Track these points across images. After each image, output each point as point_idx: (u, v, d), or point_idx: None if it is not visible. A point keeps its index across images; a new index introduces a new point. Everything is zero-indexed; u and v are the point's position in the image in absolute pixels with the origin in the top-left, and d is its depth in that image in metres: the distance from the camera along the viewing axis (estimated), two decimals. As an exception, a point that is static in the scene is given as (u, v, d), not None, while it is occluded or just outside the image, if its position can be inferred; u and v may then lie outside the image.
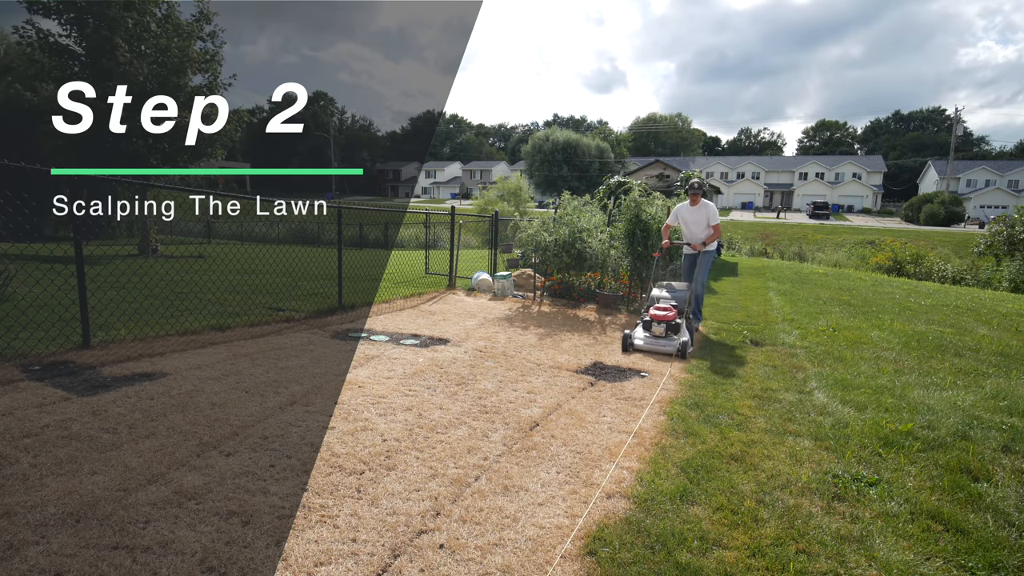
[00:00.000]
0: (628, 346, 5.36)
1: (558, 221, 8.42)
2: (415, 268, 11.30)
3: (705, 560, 2.04)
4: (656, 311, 5.45)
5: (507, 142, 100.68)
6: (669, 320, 5.36)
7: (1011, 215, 20.36)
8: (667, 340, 5.26)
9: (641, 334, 5.44)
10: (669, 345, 5.19)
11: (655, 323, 5.39)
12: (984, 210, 48.44)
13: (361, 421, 3.24)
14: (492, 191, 33.91)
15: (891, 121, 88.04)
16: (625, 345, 5.36)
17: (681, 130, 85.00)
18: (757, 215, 52.23)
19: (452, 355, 4.89)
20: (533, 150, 55.53)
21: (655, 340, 5.30)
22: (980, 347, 5.96)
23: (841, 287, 11.60)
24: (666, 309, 5.45)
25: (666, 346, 5.20)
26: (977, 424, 3.49)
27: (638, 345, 5.34)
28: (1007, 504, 2.48)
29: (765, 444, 3.12)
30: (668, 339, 5.28)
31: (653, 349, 5.26)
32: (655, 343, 5.28)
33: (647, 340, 5.33)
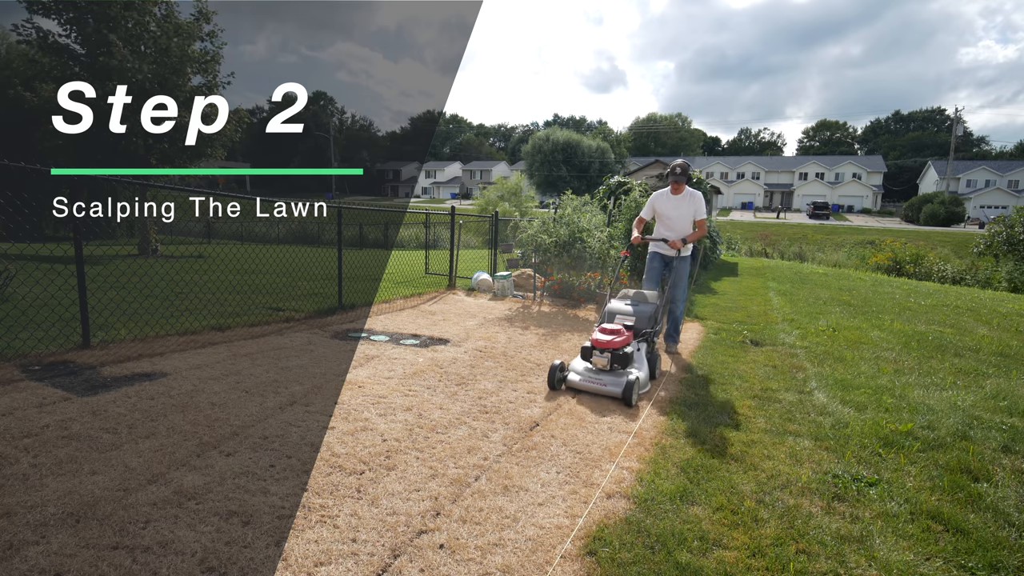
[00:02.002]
0: (557, 382, 4.00)
1: (558, 221, 8.42)
2: (415, 268, 11.30)
3: (705, 560, 2.04)
4: (600, 334, 4.05)
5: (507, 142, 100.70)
6: (615, 348, 3.97)
7: (1011, 215, 20.39)
8: (611, 376, 3.93)
9: (579, 365, 4.12)
10: (611, 385, 3.85)
11: (596, 350, 4.01)
12: (984, 210, 48.47)
13: (361, 421, 3.24)
14: (492, 191, 33.91)
15: (891, 121, 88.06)
16: (553, 380, 3.98)
17: (681, 130, 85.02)
18: (757, 215, 52.24)
19: (452, 355, 4.89)
20: (533, 150, 55.55)
21: (594, 376, 3.96)
22: (980, 347, 5.96)
23: (841, 287, 11.60)
24: (614, 332, 4.05)
25: (607, 385, 3.87)
26: (977, 424, 3.49)
27: (572, 382, 4.02)
28: (1007, 504, 2.48)
29: (765, 444, 3.12)
30: (613, 374, 3.95)
31: (589, 388, 3.95)
32: (593, 380, 3.94)
33: (584, 375, 4.00)
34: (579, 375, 4.02)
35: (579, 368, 4.08)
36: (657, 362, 4.41)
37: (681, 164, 5.06)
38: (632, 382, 3.74)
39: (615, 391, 3.81)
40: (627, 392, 3.72)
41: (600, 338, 4.01)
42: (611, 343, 3.96)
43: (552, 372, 3.98)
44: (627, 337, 4.07)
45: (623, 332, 4.07)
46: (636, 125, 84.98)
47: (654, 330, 4.47)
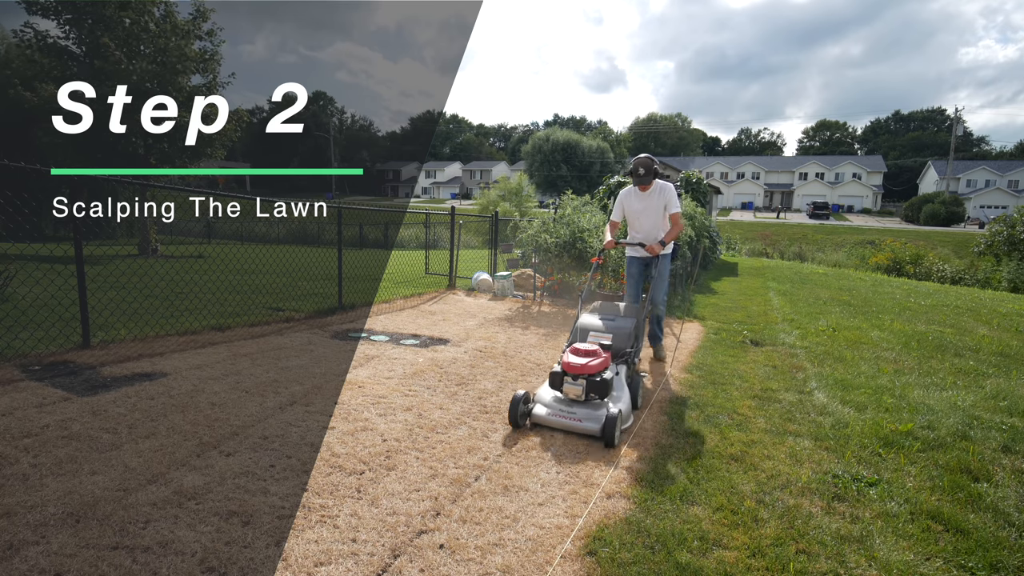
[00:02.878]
0: (521, 417, 3.25)
1: (558, 221, 8.42)
2: (415, 268, 11.30)
3: (705, 560, 2.04)
4: (572, 356, 3.32)
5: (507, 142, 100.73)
6: (591, 374, 3.23)
7: (1011, 215, 20.39)
8: (586, 408, 3.21)
9: (547, 395, 3.38)
10: (587, 420, 3.14)
11: (568, 377, 3.27)
12: (984, 210, 48.48)
13: (361, 421, 3.24)
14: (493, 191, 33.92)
15: (891, 121, 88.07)
16: (515, 415, 3.23)
17: (681, 130, 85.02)
18: (757, 215, 52.24)
19: (452, 355, 4.89)
20: (533, 150, 55.57)
21: (566, 409, 3.23)
22: (980, 347, 5.96)
23: (841, 287, 11.60)
24: (590, 353, 3.33)
25: (582, 421, 3.15)
26: (977, 424, 3.49)
27: (539, 417, 3.26)
28: (1007, 504, 2.48)
29: (765, 444, 3.12)
30: (589, 406, 3.22)
31: (560, 425, 3.21)
32: (564, 414, 3.21)
33: (554, 408, 3.27)
34: (547, 408, 3.28)
35: (547, 399, 3.35)
36: (640, 388, 3.73)
37: (643, 161, 4.45)
38: (613, 417, 3.03)
39: (592, 428, 3.11)
40: (608, 429, 3.01)
41: (572, 361, 3.25)
42: (586, 367, 3.21)
43: (514, 405, 3.23)
44: (605, 359, 3.34)
45: (600, 353, 3.34)
46: (636, 125, 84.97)
47: (635, 349, 3.87)
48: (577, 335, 3.89)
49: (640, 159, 4.48)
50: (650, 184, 4.54)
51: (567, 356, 3.36)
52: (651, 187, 4.56)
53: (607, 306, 4.23)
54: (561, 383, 3.31)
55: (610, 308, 4.20)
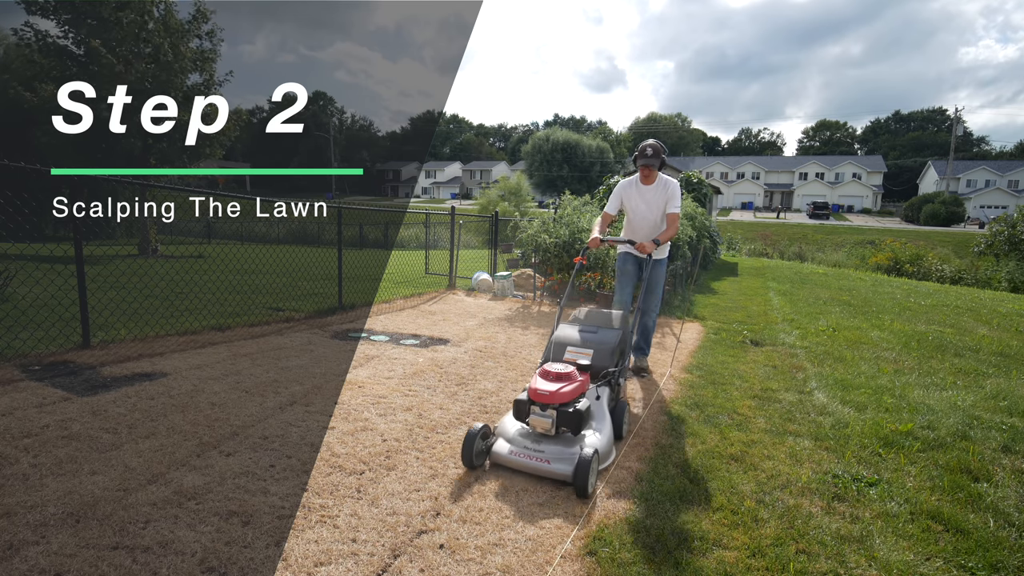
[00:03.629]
0: (477, 456, 2.69)
1: (558, 221, 8.42)
2: (415, 268, 11.30)
3: (705, 560, 2.04)
4: (541, 380, 2.78)
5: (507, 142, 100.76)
6: (562, 403, 2.68)
7: (1011, 215, 20.39)
8: (557, 445, 2.65)
9: (511, 427, 2.83)
10: (557, 461, 2.58)
11: (536, 407, 2.70)
12: (984, 210, 48.49)
13: (361, 421, 3.24)
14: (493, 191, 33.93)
15: (891, 121, 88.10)
16: (470, 454, 2.66)
17: (681, 130, 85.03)
18: (757, 215, 52.25)
19: (452, 355, 4.89)
20: (533, 150, 55.58)
21: (532, 446, 2.68)
22: (980, 347, 5.96)
23: (841, 287, 11.60)
24: (562, 376, 2.77)
25: (550, 462, 2.59)
26: (977, 424, 3.49)
27: (499, 455, 2.71)
28: (1007, 504, 2.48)
29: (765, 444, 3.12)
30: (560, 442, 2.68)
31: (524, 466, 2.65)
32: (530, 453, 2.66)
33: (518, 444, 2.72)
34: (510, 445, 2.72)
35: (511, 432, 2.79)
36: (625, 415, 3.20)
37: (652, 144, 4.03)
38: (588, 458, 2.45)
39: (562, 471, 2.55)
40: (580, 474, 2.43)
41: (540, 388, 2.68)
42: (556, 395, 2.65)
43: (469, 442, 2.65)
44: (581, 383, 2.80)
45: (574, 376, 2.80)
46: (636, 125, 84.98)
47: (619, 368, 3.26)
48: (552, 350, 3.28)
49: (650, 141, 4.06)
50: (654, 173, 4.11)
51: (534, 380, 2.78)
52: (655, 180, 4.15)
53: (591, 315, 3.62)
54: (527, 413, 2.72)
55: (594, 317, 3.59)
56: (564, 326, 3.53)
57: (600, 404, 2.98)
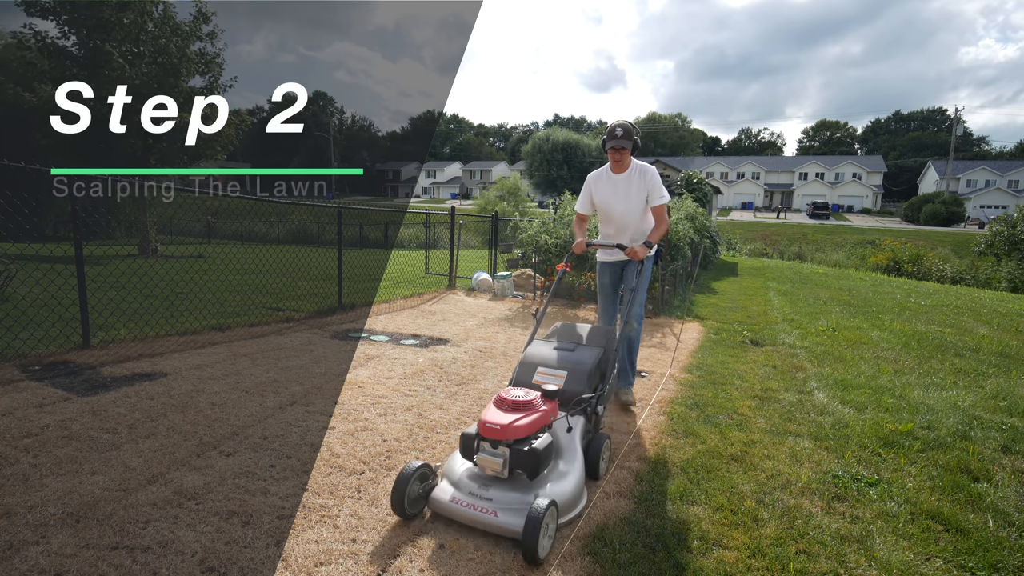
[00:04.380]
0: (411, 503, 2.20)
1: (558, 221, 8.42)
2: (415, 268, 11.30)
3: (705, 560, 2.04)
4: (494, 410, 2.29)
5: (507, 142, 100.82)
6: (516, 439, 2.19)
7: (1011, 215, 20.39)
8: (509, 492, 2.17)
9: (457, 468, 2.33)
10: (506, 513, 2.10)
11: (485, 442, 2.23)
12: (984, 210, 48.50)
13: (361, 421, 3.24)
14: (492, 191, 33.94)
15: (891, 121, 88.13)
16: (402, 501, 2.15)
17: (681, 130, 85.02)
18: (757, 215, 52.24)
19: (452, 355, 4.89)
20: (533, 150, 55.58)
21: (477, 494, 2.19)
22: (980, 347, 5.96)
23: (841, 287, 11.60)
24: (518, 406, 2.29)
25: (496, 516, 2.10)
26: (977, 424, 3.49)
27: (439, 503, 2.21)
28: (1007, 504, 2.48)
29: (765, 444, 3.12)
30: (514, 487, 2.20)
31: (466, 518, 2.15)
32: (474, 501, 2.17)
33: (462, 489, 2.22)
34: (453, 490, 2.21)
35: (456, 473, 2.28)
36: (604, 451, 2.65)
37: (623, 124, 3.42)
38: (539, 513, 1.95)
39: (511, 526, 2.05)
40: (529, 532, 1.94)
41: (490, 419, 2.19)
42: (509, 429, 2.15)
43: (400, 486, 2.12)
44: (543, 414, 2.31)
45: (535, 405, 2.31)
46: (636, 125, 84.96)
47: (600, 393, 2.76)
48: (519, 373, 2.82)
49: (620, 120, 3.49)
50: (627, 158, 3.48)
51: (487, 409, 2.30)
52: (628, 166, 3.52)
53: (570, 330, 3.23)
54: (474, 451, 2.23)
55: (574, 333, 3.20)
56: (537, 343, 3.05)
57: (571, 438, 2.47)
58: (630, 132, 3.41)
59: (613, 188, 3.59)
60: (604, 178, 3.64)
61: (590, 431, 2.71)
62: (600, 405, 2.76)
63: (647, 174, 3.52)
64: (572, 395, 2.66)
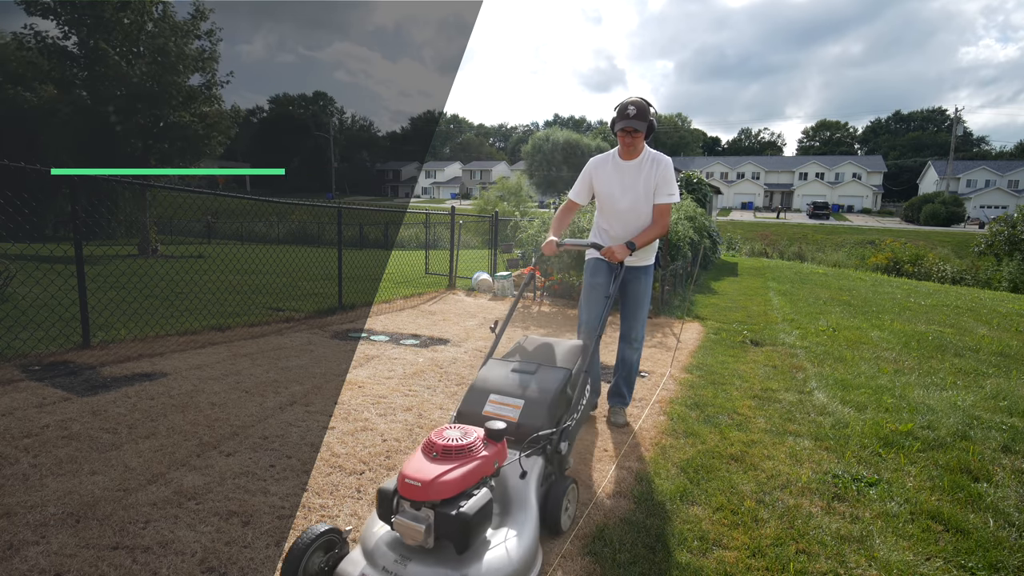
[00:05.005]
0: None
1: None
2: (415, 268, 11.30)
3: (705, 560, 2.04)
4: (416, 462, 1.71)
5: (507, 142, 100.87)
6: (446, 497, 1.65)
7: (1012, 215, 20.39)
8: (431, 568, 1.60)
9: (372, 538, 1.73)
10: None
11: (404, 502, 1.68)
12: (984, 210, 48.51)
13: (361, 421, 3.24)
14: (492, 191, 33.94)
15: (891, 121, 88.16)
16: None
17: (681, 130, 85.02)
18: (757, 215, 52.25)
19: (452, 355, 4.89)
20: (533, 150, 55.58)
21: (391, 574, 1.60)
22: (980, 347, 5.96)
23: (841, 287, 11.60)
24: (450, 454, 1.73)
25: None
26: (977, 424, 3.49)
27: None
28: (1007, 504, 2.48)
29: (765, 444, 3.12)
30: (438, 563, 1.62)
31: None
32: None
33: (374, 567, 1.63)
34: (364, 562, 1.68)
35: (372, 541, 1.73)
36: (566, 500, 2.11)
37: (636, 102, 2.93)
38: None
39: None
40: None
41: (410, 473, 1.66)
42: (432, 486, 1.64)
43: (295, 559, 1.63)
44: (481, 462, 1.77)
45: (472, 451, 1.77)
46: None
47: (564, 427, 2.20)
48: (466, 404, 2.29)
49: (634, 98, 2.96)
50: (640, 143, 2.99)
51: (410, 457, 1.74)
52: (641, 153, 3.04)
53: (534, 345, 2.67)
54: (392, 512, 1.70)
55: (538, 349, 2.64)
56: (493, 363, 2.49)
57: (525, 485, 1.96)
58: (645, 112, 2.91)
59: (620, 177, 3.06)
60: (610, 164, 3.10)
61: (552, 474, 2.19)
62: (564, 442, 2.20)
63: (660, 164, 3.02)
64: (529, 430, 2.13)
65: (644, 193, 3.05)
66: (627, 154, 3.05)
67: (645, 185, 3.04)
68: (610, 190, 3.10)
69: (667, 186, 3.02)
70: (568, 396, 2.35)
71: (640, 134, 2.94)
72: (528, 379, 2.35)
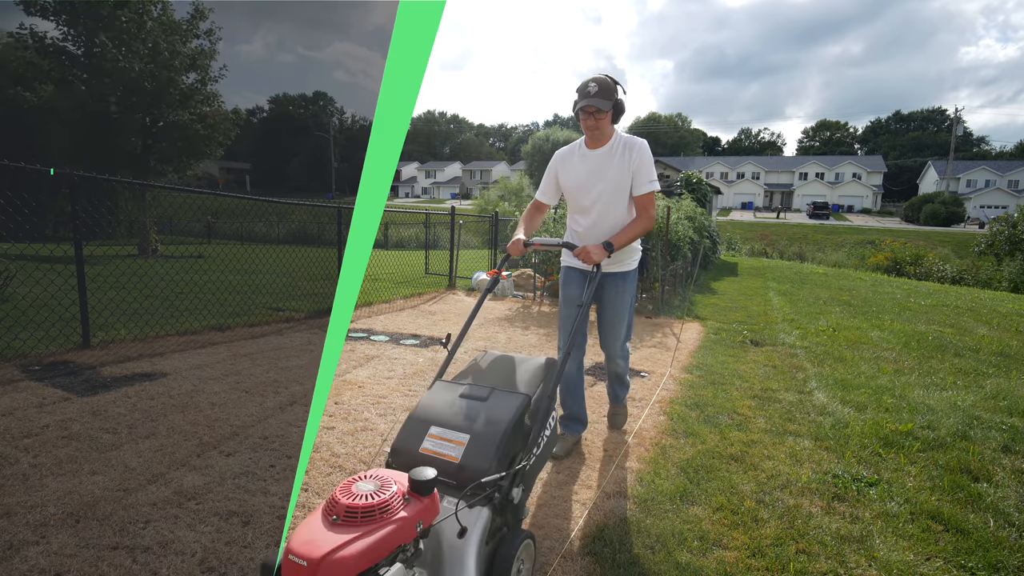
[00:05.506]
0: None
1: (558, 221, 8.41)
2: (415, 268, 11.30)
3: (705, 560, 2.04)
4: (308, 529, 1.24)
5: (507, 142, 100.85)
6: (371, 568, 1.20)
7: (1012, 215, 20.39)
8: None
9: None
10: None
11: None
12: (984, 210, 48.52)
13: (361, 421, 3.24)
14: (494, 191, 33.94)
15: (891, 121, 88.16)
16: None
17: (681, 130, 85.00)
18: (757, 215, 52.25)
19: (452, 355, 4.89)
20: (533, 150, 55.61)
21: None
22: (980, 347, 5.96)
23: (841, 287, 11.60)
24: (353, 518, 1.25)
25: None
26: (977, 424, 3.49)
27: None
28: (1007, 504, 2.48)
29: (765, 444, 3.12)
30: None
31: None
32: None
33: None
34: None
35: None
36: (517, 559, 1.65)
37: (599, 79, 2.53)
38: None
39: None
40: None
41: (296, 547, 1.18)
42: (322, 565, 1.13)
43: None
44: (396, 527, 1.30)
45: (387, 511, 1.31)
46: (636, 125, 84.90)
47: (514, 471, 1.71)
48: (403, 435, 1.81)
49: (596, 75, 2.56)
50: (606, 125, 2.58)
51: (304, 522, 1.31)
52: (610, 139, 2.64)
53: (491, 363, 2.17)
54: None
55: (495, 368, 2.14)
56: (440, 387, 2.01)
57: (463, 546, 1.51)
58: (609, 89, 2.49)
59: (587, 168, 2.68)
60: (576, 155, 2.72)
61: (501, 527, 1.71)
62: (518, 487, 1.73)
63: (634, 149, 2.60)
64: (474, 473, 1.64)
65: (617, 185, 2.64)
66: (593, 141, 2.66)
67: (618, 175, 2.63)
68: (578, 182, 2.71)
69: (645, 172, 2.60)
70: (525, 428, 1.84)
71: (605, 115, 2.53)
72: (477, 408, 1.84)
